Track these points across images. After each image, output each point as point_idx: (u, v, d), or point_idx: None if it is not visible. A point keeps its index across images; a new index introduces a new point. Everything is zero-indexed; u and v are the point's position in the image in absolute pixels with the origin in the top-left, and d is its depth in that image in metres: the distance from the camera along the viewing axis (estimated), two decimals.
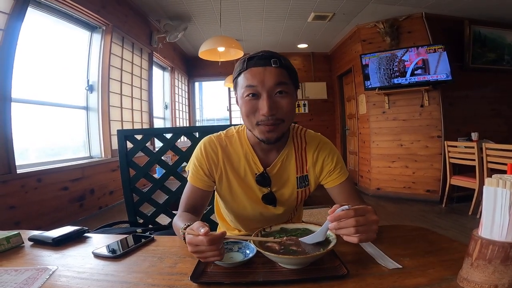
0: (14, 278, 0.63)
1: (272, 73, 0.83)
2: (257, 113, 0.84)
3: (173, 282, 0.61)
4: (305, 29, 4.94)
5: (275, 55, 0.86)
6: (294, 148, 0.99)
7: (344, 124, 6.01)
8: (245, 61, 0.86)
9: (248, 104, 0.85)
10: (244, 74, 0.85)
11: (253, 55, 0.86)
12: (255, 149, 0.97)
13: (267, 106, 0.81)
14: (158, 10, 4.11)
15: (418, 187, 4.19)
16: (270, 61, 0.83)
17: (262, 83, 0.82)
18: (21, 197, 2.32)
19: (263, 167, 0.96)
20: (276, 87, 0.83)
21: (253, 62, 0.84)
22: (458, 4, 3.80)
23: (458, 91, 4.07)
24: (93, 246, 0.83)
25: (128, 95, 3.96)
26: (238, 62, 0.90)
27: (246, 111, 0.85)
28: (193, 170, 0.96)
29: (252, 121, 0.86)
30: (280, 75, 0.83)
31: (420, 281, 0.58)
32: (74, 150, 3.31)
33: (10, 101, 2.25)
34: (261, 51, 0.87)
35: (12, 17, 2.20)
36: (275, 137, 0.87)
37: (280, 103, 0.84)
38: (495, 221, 0.52)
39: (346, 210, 0.66)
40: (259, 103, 0.83)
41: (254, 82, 0.83)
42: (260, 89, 0.83)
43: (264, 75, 0.82)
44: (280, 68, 0.84)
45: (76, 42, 3.31)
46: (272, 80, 0.82)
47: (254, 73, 0.83)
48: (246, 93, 0.84)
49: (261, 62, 0.83)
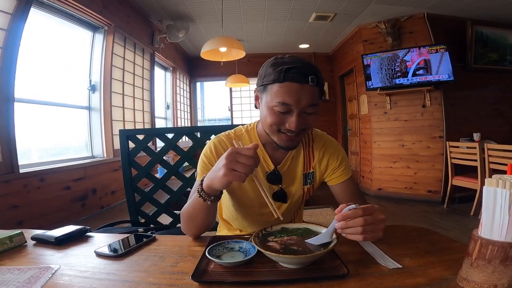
0: (17, 277, 0.63)
1: (308, 93, 0.81)
2: (283, 125, 0.85)
3: (174, 281, 0.62)
4: (307, 29, 4.93)
5: (313, 70, 0.82)
6: (303, 146, 1.01)
7: (346, 125, 6.00)
8: (282, 71, 0.81)
9: (276, 116, 0.84)
10: (279, 87, 0.81)
11: (291, 66, 0.81)
12: (266, 147, 0.98)
13: (296, 124, 0.82)
14: (160, 11, 4.12)
15: (419, 187, 4.18)
16: (308, 79, 0.80)
17: (296, 103, 0.81)
18: (23, 196, 2.34)
19: (274, 165, 0.97)
20: (308, 108, 0.83)
21: (291, 75, 0.80)
22: (460, 4, 3.79)
23: (460, 92, 4.06)
24: (95, 245, 0.83)
25: (130, 95, 3.97)
26: (272, 65, 0.85)
27: (272, 122, 0.85)
28: (202, 167, 0.96)
29: (274, 128, 0.86)
30: (314, 96, 0.83)
31: (420, 281, 0.58)
32: (76, 150, 3.32)
33: (13, 101, 2.26)
34: (299, 61, 0.83)
35: (15, 17, 2.21)
36: (294, 146, 0.90)
37: (308, 119, 0.85)
38: (495, 221, 0.52)
39: (353, 209, 0.67)
40: (288, 118, 0.83)
41: (289, 101, 0.81)
42: (294, 107, 0.82)
43: (300, 94, 0.80)
44: (315, 87, 0.82)
45: (78, 42, 3.32)
46: (306, 101, 0.81)
47: (290, 89, 0.80)
48: (277, 107, 0.83)
49: (300, 78, 0.80)
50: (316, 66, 0.86)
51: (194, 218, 0.84)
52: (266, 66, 0.87)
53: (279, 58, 0.86)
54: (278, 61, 0.85)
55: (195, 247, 0.81)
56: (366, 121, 4.78)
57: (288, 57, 0.85)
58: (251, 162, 0.69)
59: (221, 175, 0.70)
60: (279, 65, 0.83)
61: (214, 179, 0.73)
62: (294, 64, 0.81)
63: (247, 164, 0.69)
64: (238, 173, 0.69)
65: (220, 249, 0.73)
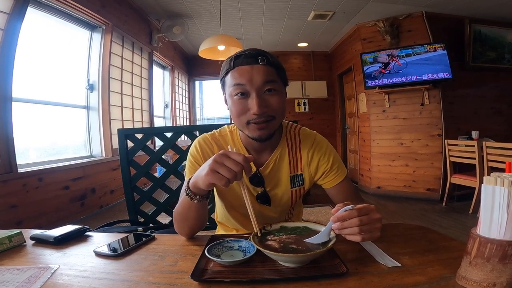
0: (16, 277, 0.63)
1: (260, 71, 0.82)
2: (248, 112, 0.84)
3: (173, 280, 0.62)
4: (305, 28, 4.93)
5: (262, 52, 0.85)
6: (288, 147, 0.99)
7: (345, 123, 6.01)
8: (232, 59, 0.85)
9: (238, 104, 0.84)
10: (231, 73, 0.84)
11: (239, 54, 0.85)
12: (248, 149, 0.97)
13: (257, 105, 0.81)
14: (158, 9, 4.11)
15: (418, 185, 4.19)
16: (257, 59, 0.82)
17: (250, 82, 0.82)
18: (22, 196, 2.33)
19: (256, 167, 0.96)
20: (264, 85, 0.83)
21: (240, 60, 0.83)
22: (459, 3, 3.79)
23: (458, 90, 4.07)
24: (94, 244, 0.83)
25: (128, 94, 3.97)
26: (225, 61, 0.89)
27: (237, 111, 0.85)
28: (190, 168, 0.95)
29: (242, 120, 0.86)
30: (268, 73, 0.83)
31: (419, 280, 0.59)
32: (75, 149, 3.32)
33: (11, 100, 2.25)
34: (248, 49, 0.86)
35: (12, 16, 2.20)
36: (267, 134, 0.86)
37: (269, 100, 0.84)
38: (493, 219, 0.52)
39: (349, 210, 0.66)
40: (249, 103, 0.83)
41: (242, 81, 0.82)
42: (249, 87, 0.82)
43: (252, 74, 0.82)
44: (267, 66, 0.83)
45: (76, 41, 3.31)
46: (260, 78, 0.82)
47: (241, 71, 0.83)
48: (234, 92, 0.84)
49: (248, 60, 0.83)
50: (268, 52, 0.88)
51: (185, 218, 0.83)
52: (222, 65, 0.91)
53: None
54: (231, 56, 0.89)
55: (194, 246, 0.81)
56: (365, 120, 4.79)
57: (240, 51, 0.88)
58: (237, 169, 0.67)
59: (203, 174, 0.69)
60: (230, 58, 0.87)
61: (198, 178, 0.72)
62: (242, 52, 0.85)
63: (232, 170, 0.67)
64: (221, 175, 0.67)
65: (219, 248, 0.73)
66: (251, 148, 0.97)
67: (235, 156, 0.68)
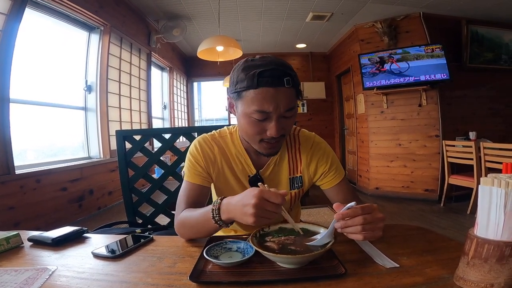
0: (14, 278, 0.63)
1: (285, 96, 0.79)
2: (263, 133, 0.83)
3: (172, 281, 0.62)
4: (304, 29, 4.94)
5: (287, 71, 0.80)
6: (287, 149, 0.99)
7: (343, 124, 6.02)
8: (255, 76, 0.77)
9: (255, 125, 0.83)
10: (255, 93, 0.78)
11: (263, 69, 0.77)
12: (248, 151, 0.97)
13: (276, 130, 0.80)
14: (156, 10, 4.11)
15: (416, 186, 4.20)
16: (284, 81, 0.77)
17: (274, 109, 0.79)
18: (20, 197, 2.32)
19: (256, 169, 0.96)
20: (286, 112, 0.81)
21: (265, 80, 0.77)
22: (456, 4, 3.81)
23: (456, 91, 4.09)
24: (92, 246, 0.83)
25: (126, 96, 3.96)
26: (243, 69, 0.81)
27: (253, 131, 0.84)
28: (189, 167, 0.95)
29: (256, 138, 0.85)
30: (291, 98, 0.81)
31: (417, 280, 0.59)
32: (72, 150, 3.31)
33: (8, 101, 2.24)
34: (272, 64, 0.79)
35: (10, 17, 2.20)
36: (276, 152, 0.89)
37: (286, 123, 0.84)
38: (491, 220, 0.52)
39: (352, 208, 0.66)
40: (267, 125, 0.82)
41: (267, 108, 0.78)
42: (272, 113, 0.80)
43: (277, 99, 0.78)
44: (291, 89, 0.80)
45: (74, 42, 3.30)
46: (284, 105, 0.79)
47: (266, 95, 0.77)
48: (255, 115, 0.80)
49: (274, 81, 0.77)
50: (289, 65, 0.83)
51: (197, 231, 0.83)
52: (237, 70, 0.83)
53: (249, 60, 0.83)
54: (249, 64, 0.81)
55: (192, 248, 0.81)
56: (363, 121, 4.80)
57: (259, 59, 0.81)
58: (278, 210, 0.68)
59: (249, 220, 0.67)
60: (251, 69, 0.79)
61: (237, 215, 0.71)
62: (266, 67, 0.78)
63: (274, 213, 0.68)
64: (265, 219, 0.68)
65: (217, 250, 0.73)
66: (251, 151, 0.97)
67: (274, 198, 0.67)
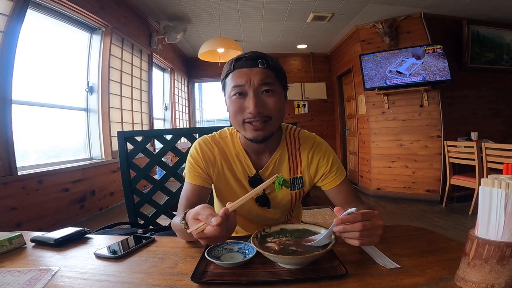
0: (17, 279, 0.63)
1: (258, 73, 0.84)
2: (244, 111, 0.85)
3: (174, 282, 0.62)
4: (304, 29, 4.94)
5: (263, 56, 0.87)
6: (287, 149, 0.99)
7: (344, 124, 6.02)
8: (232, 62, 0.88)
9: (235, 103, 0.86)
10: (231, 75, 0.87)
11: (240, 56, 0.87)
12: (248, 151, 0.97)
13: (253, 104, 0.83)
14: (157, 12, 4.12)
15: (418, 187, 4.20)
16: (257, 62, 0.85)
17: (248, 83, 0.84)
18: (22, 198, 2.33)
19: (255, 169, 0.96)
20: (262, 86, 0.85)
21: (240, 63, 0.86)
22: (457, 4, 3.81)
23: (457, 91, 4.09)
24: (94, 247, 0.83)
25: (128, 97, 3.97)
26: (226, 63, 0.92)
27: (234, 110, 0.87)
28: (190, 168, 0.96)
29: (239, 119, 0.87)
30: (266, 75, 0.85)
31: (418, 281, 0.59)
32: (74, 151, 3.32)
33: (10, 103, 2.25)
34: (249, 52, 0.88)
35: (12, 19, 2.21)
36: (263, 136, 0.87)
37: (266, 101, 0.85)
38: (491, 221, 0.52)
39: (353, 213, 0.65)
40: (246, 102, 0.85)
41: (241, 82, 0.84)
42: (247, 88, 0.84)
43: (250, 75, 0.84)
44: (266, 69, 0.85)
45: (75, 43, 3.31)
46: (258, 80, 0.84)
47: (241, 73, 0.85)
48: (233, 92, 0.86)
49: (248, 63, 0.85)
50: (270, 56, 0.89)
51: (183, 236, 0.85)
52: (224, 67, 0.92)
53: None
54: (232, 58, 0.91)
55: (194, 248, 0.81)
56: (364, 121, 4.80)
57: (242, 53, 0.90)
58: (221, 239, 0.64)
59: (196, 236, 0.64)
60: (231, 60, 0.90)
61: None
62: (243, 55, 0.87)
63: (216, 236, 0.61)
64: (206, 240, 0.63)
65: (219, 250, 0.73)
66: (250, 151, 0.97)
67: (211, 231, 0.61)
